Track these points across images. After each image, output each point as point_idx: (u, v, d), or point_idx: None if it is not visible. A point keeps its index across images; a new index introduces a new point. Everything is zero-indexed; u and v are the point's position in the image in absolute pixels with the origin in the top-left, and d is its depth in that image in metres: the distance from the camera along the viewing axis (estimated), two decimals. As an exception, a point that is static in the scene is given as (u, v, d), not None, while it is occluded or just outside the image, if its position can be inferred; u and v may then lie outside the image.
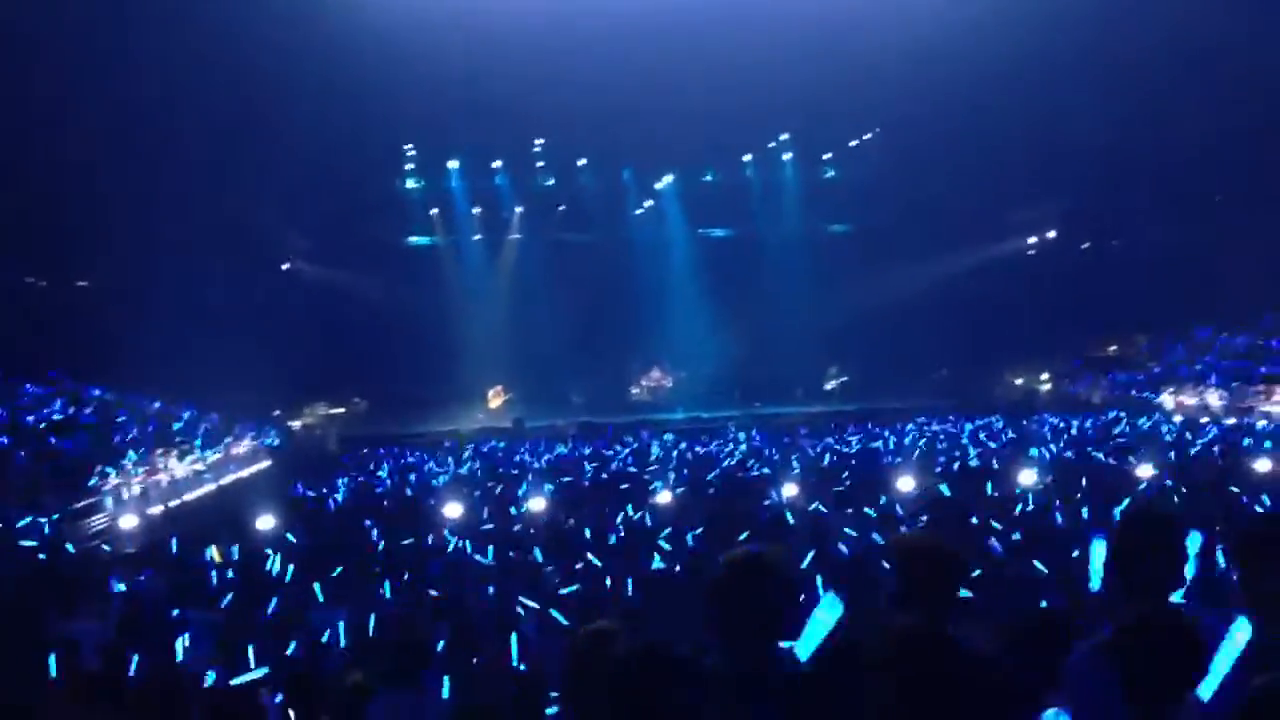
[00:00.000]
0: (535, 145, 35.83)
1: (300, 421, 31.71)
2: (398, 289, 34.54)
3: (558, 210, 38.16)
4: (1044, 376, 34.84)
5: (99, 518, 14.96)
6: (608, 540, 10.60)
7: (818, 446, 22.28)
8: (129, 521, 14.52)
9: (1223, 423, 23.14)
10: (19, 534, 11.91)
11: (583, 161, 36.71)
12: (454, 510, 13.37)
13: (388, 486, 19.10)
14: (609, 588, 8.19)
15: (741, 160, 38.23)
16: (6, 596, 8.72)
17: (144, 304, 27.16)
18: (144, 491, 17.26)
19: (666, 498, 13.70)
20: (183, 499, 18.49)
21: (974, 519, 10.19)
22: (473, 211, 38.15)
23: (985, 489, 12.88)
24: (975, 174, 32.25)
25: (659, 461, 20.17)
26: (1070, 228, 38.72)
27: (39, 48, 23.55)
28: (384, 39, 24.63)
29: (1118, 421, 24.06)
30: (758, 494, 13.75)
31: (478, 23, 25.44)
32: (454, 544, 10.92)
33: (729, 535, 9.54)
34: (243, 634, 7.15)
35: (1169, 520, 3.33)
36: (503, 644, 6.14)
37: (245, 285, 31.75)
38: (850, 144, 37.06)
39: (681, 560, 9.13)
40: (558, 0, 26.17)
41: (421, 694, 4.80)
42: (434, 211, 38.03)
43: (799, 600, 3.14)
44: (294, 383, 31.04)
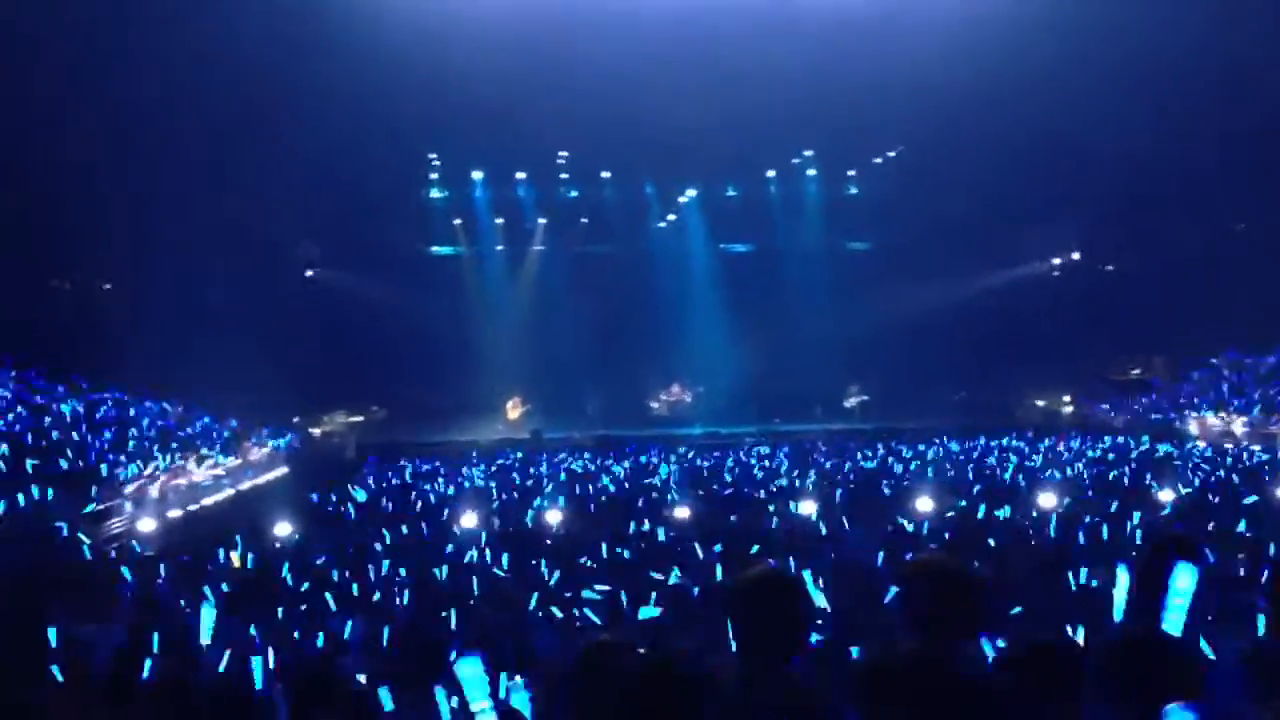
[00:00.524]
0: (559, 157, 35.89)
1: (319, 428, 31.79)
2: (420, 298, 34.59)
3: (580, 222, 38.25)
4: (1065, 398, 34.63)
5: (117, 520, 15.02)
6: (624, 553, 10.57)
7: (836, 464, 22.20)
8: (147, 524, 14.58)
9: (1246, 447, 22.95)
10: (37, 534, 11.96)
11: (606, 174, 36.80)
12: (470, 520, 13.38)
13: (405, 495, 19.10)
14: (624, 600, 8.15)
15: (764, 175, 38.21)
16: (22, 596, 8.74)
17: (166, 308, 27.36)
18: (163, 495, 17.32)
19: (684, 512, 13.67)
20: (201, 503, 18.55)
21: (992, 541, 10.10)
22: (496, 222, 38.30)
23: (1004, 511, 12.78)
24: (998, 193, 32.15)
25: (675, 475, 20.13)
26: (1093, 248, 38.53)
27: (66, 59, 23.82)
28: (410, 49, 24.75)
29: (1140, 445, 23.90)
30: (775, 510, 13.69)
31: (504, 34, 25.53)
32: (470, 553, 10.91)
33: (745, 550, 9.50)
34: (258, 637, 7.17)
35: (1181, 546, 3.29)
36: (518, 654, 6.12)
37: (269, 292, 31.93)
38: (874, 161, 37.00)
39: (698, 575, 9.08)
40: (584, 13, 26.24)
41: (434, 700, 4.78)
42: (457, 221, 38.18)
43: (814, 617, 3.12)
44: (314, 389, 31.15)
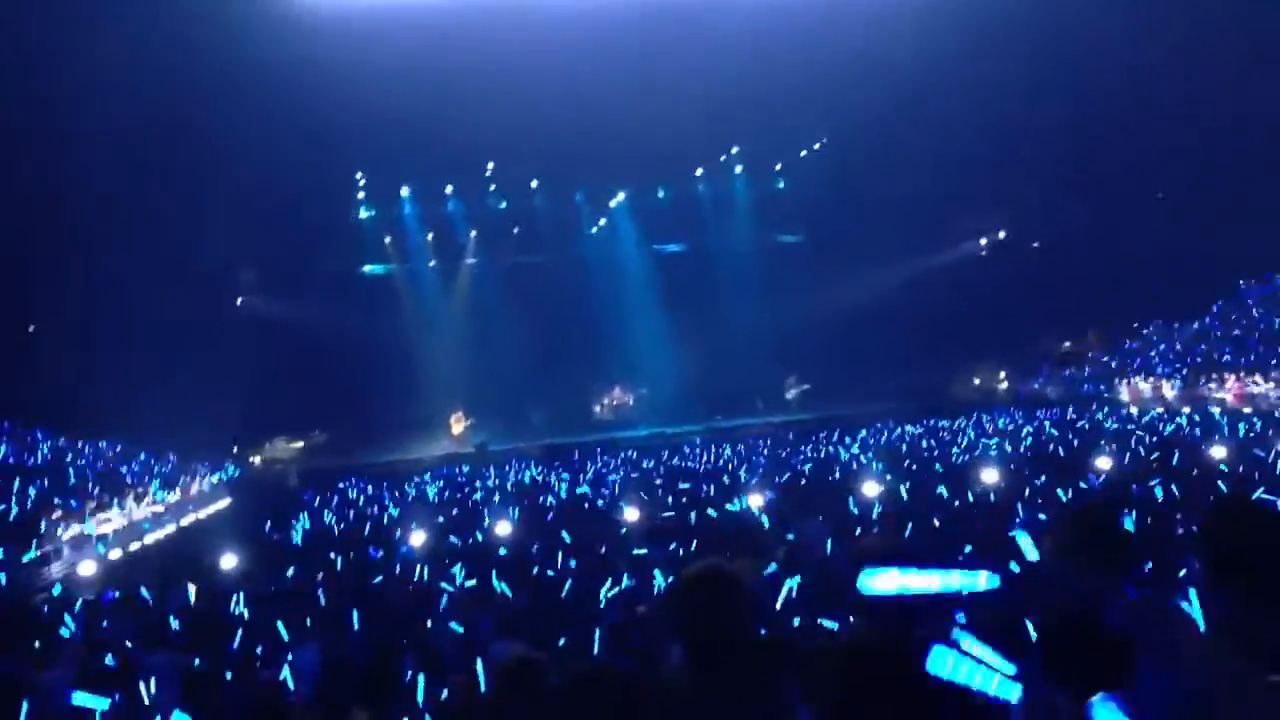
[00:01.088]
0: (486, 169, 35.76)
1: (260, 457, 31.36)
2: (354, 319, 34.18)
3: (512, 233, 38.15)
4: (1001, 375, 35.23)
5: (57, 565, 14.71)
6: (575, 561, 10.55)
7: (781, 456, 22.38)
8: (88, 568, 14.30)
9: (1178, 412, 23.54)
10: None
11: (535, 183, 36.76)
12: (419, 538, 13.28)
13: (351, 518, 18.91)
14: (578, 608, 8.15)
15: (693, 175, 38.44)
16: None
17: (94, 345, 26.76)
18: (102, 536, 16.99)
19: (633, 514, 13.68)
20: (143, 542, 18.23)
21: (936, 521, 10.26)
22: (427, 238, 38.07)
23: (948, 488, 12.96)
24: (924, 179, 32.64)
25: (623, 479, 20.16)
26: (1020, 226, 39.26)
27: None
28: (331, 69, 24.56)
29: (1077, 417, 24.39)
30: (721, 505, 13.75)
31: (424, 47, 25.44)
32: (420, 572, 10.83)
33: (697, 548, 9.55)
34: (209, 674, 7.07)
35: (1108, 509, 3.38)
36: (470, 671, 6.10)
37: (198, 322, 31.33)
38: (800, 154, 37.37)
39: (645, 577, 9.10)
40: (502, 23, 26.22)
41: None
42: (388, 239, 37.89)
43: (759, 612, 3.15)
44: (252, 418, 30.69)
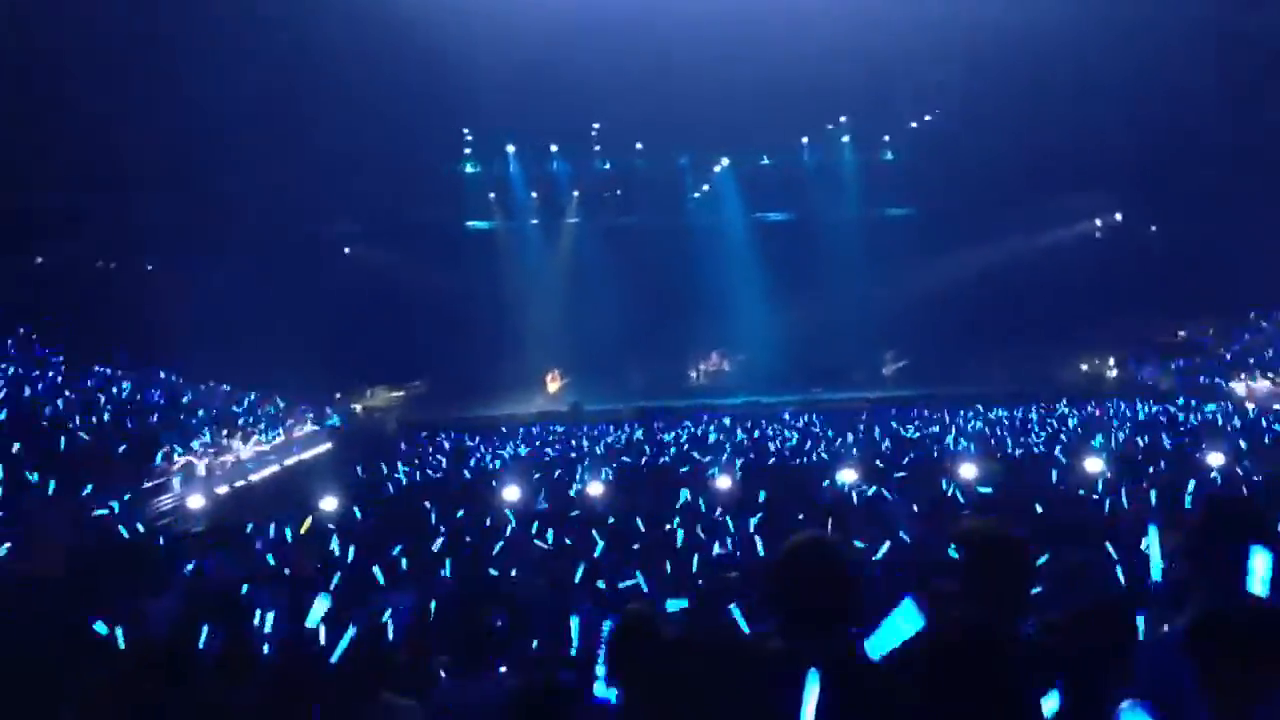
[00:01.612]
0: (592, 129, 35.78)
1: (361, 405, 32.07)
2: (457, 273, 34.70)
3: (614, 194, 38.14)
4: (1110, 362, 34.22)
5: (167, 497, 15.25)
6: (665, 525, 10.57)
7: (877, 432, 22.10)
8: (196, 501, 14.80)
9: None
10: (89, 512, 12.16)
11: (639, 145, 36.63)
12: (512, 493, 13.43)
13: (446, 469, 19.25)
14: (667, 572, 8.17)
15: (799, 143, 37.89)
16: (77, 573, 8.91)
17: (209, 288, 27.61)
18: (210, 472, 17.57)
19: (725, 482, 13.65)
20: (248, 480, 18.80)
21: (1038, 507, 10.02)
22: (530, 196, 38.30)
23: (1050, 476, 12.67)
24: (1039, 155, 31.64)
25: (717, 446, 20.11)
26: (1137, 209, 37.88)
27: (108, 45, 24.03)
28: (442, 23, 24.72)
29: (1186, 408, 23.60)
30: (817, 479, 13.64)
31: (536, 6, 25.45)
32: (512, 527, 10.96)
33: (788, 520, 9.48)
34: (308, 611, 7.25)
35: (1241, 508, 3.24)
36: (559, 628, 6.15)
37: (308, 270, 32.12)
38: (909, 126, 36.56)
39: (741, 545, 9.09)
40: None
41: (484, 678, 4.83)
42: (491, 196, 38.22)
43: (859, 586, 3.11)
44: (355, 366, 31.41)
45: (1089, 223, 38.94)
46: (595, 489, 13.73)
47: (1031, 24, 25.36)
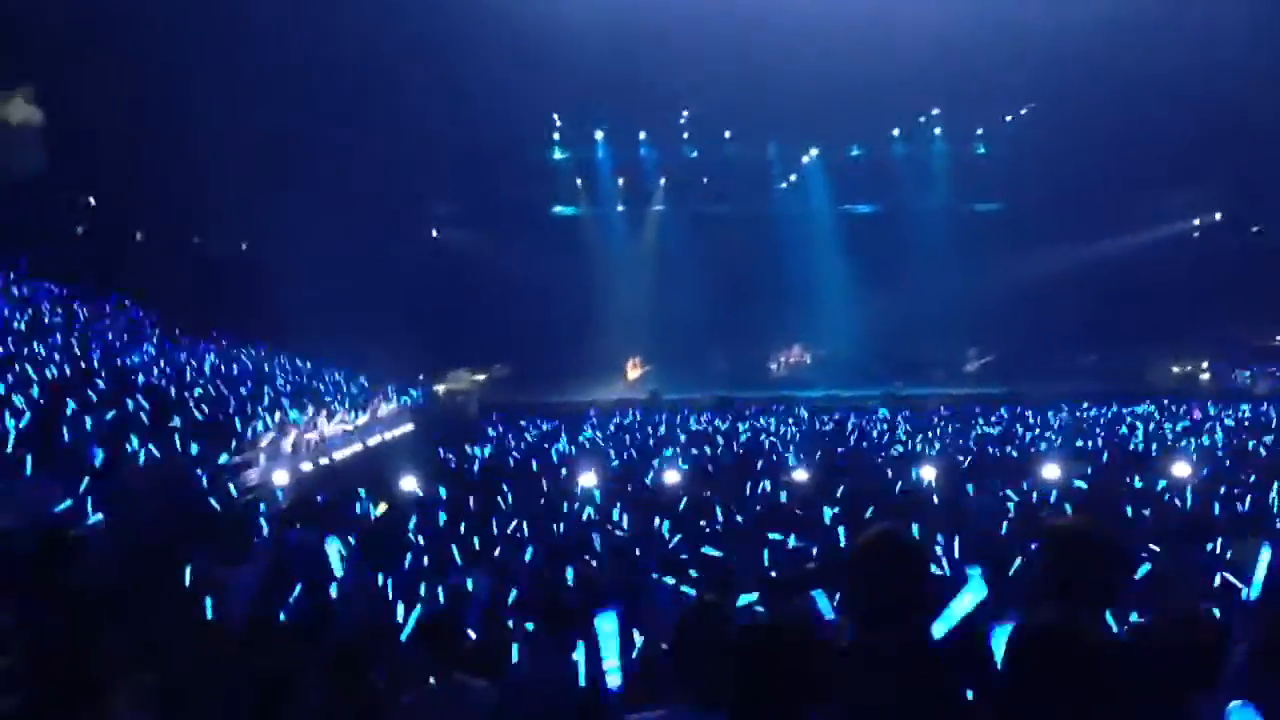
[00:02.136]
0: (681, 116, 35.70)
1: (444, 386, 32.44)
2: (542, 257, 34.93)
3: (701, 182, 38.05)
4: (1203, 364, 33.22)
5: (252, 471, 15.58)
6: (742, 514, 10.55)
7: (958, 429, 21.76)
8: (281, 476, 15.09)
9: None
10: (177, 482, 12.46)
11: (728, 133, 36.46)
12: (589, 479, 13.49)
13: (526, 453, 19.41)
14: (742, 562, 8.14)
15: (889, 135, 37.36)
16: (164, 540, 9.15)
17: (298, 267, 28.16)
18: (295, 448, 17.91)
19: (802, 475, 13.56)
20: (331, 457, 19.12)
21: (1127, 510, 9.78)
22: (617, 182, 38.38)
23: (1135, 479, 12.35)
24: (1135, 151, 30.74)
25: (795, 438, 20.00)
26: (1237, 209, 36.61)
27: (203, 34, 24.69)
28: (535, 9, 24.88)
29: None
30: (896, 474, 13.49)
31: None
32: (589, 512, 11.02)
33: (863, 515, 9.39)
34: (389, 585, 7.40)
35: None
36: (635, 611, 6.17)
37: (394, 251, 32.61)
38: (1003, 119, 35.81)
39: (816, 538, 9.02)
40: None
41: (559, 660, 4.86)
42: (579, 181, 38.38)
43: (933, 580, 3.08)
44: (438, 347, 31.79)
45: (1185, 222, 37.75)
46: (672, 476, 13.72)
47: (1129, 17, 24.69)
